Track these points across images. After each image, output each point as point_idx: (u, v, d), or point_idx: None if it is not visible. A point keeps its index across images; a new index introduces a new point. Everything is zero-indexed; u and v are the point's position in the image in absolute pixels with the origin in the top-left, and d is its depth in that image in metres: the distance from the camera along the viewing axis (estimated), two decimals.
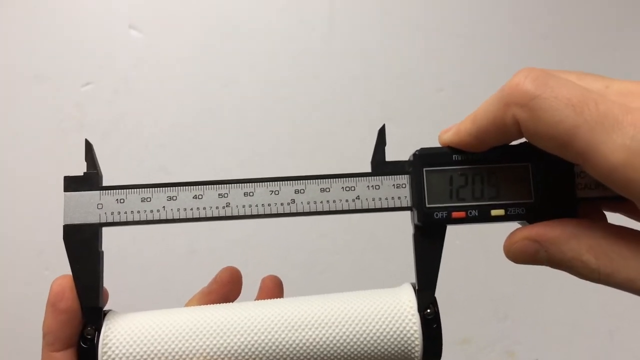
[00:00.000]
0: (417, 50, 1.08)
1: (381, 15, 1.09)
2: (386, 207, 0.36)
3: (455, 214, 0.35)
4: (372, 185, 0.36)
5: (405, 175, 0.36)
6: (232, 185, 0.36)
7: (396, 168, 0.37)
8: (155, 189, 0.37)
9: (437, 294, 0.37)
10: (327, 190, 0.36)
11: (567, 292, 1.00)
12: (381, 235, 0.99)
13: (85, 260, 0.36)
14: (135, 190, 0.37)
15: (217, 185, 0.36)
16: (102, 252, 0.37)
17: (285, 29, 1.07)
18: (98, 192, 0.37)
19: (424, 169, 0.36)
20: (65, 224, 0.36)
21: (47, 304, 0.36)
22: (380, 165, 0.37)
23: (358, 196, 0.36)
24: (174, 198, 0.37)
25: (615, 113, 0.26)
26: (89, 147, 0.38)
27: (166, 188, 0.37)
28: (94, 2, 1.06)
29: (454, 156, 0.35)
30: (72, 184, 0.37)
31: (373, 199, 0.36)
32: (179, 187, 0.37)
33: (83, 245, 0.36)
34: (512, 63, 1.08)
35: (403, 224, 0.39)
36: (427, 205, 0.35)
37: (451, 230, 0.36)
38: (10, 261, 0.98)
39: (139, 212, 0.36)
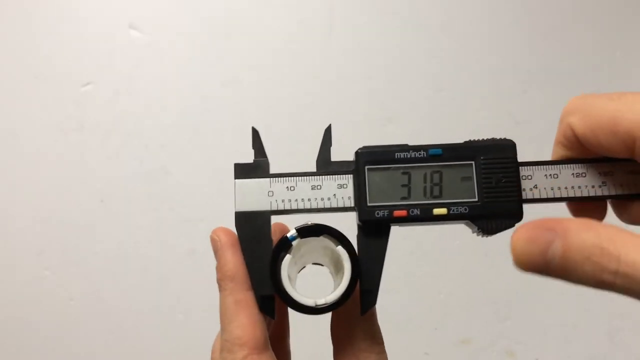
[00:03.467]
0: (417, 50, 1.08)
1: (381, 16, 1.09)
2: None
3: (397, 213, 0.34)
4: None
5: (349, 175, 0.36)
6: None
7: (341, 167, 0.36)
8: (326, 176, 0.36)
9: (436, 295, 0.37)
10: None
11: (567, 292, 1.00)
12: None
13: (258, 247, 0.35)
14: (305, 177, 0.36)
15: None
16: (273, 240, 0.36)
17: (285, 29, 1.07)
18: (268, 179, 0.36)
19: (366, 167, 0.35)
20: (237, 210, 0.36)
21: (222, 249, 0.36)
22: (325, 165, 0.36)
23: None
24: (345, 186, 0.36)
25: None
26: (256, 134, 0.38)
27: (336, 176, 0.36)
28: (94, 2, 1.06)
29: (396, 154, 0.35)
30: (242, 171, 0.37)
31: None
32: (349, 175, 0.36)
33: (255, 232, 0.36)
34: (513, 63, 1.08)
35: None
36: (368, 204, 0.35)
37: (451, 231, 0.36)
38: (10, 261, 0.98)
39: (309, 200, 0.36)
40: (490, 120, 1.01)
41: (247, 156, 0.39)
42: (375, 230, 0.35)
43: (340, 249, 0.35)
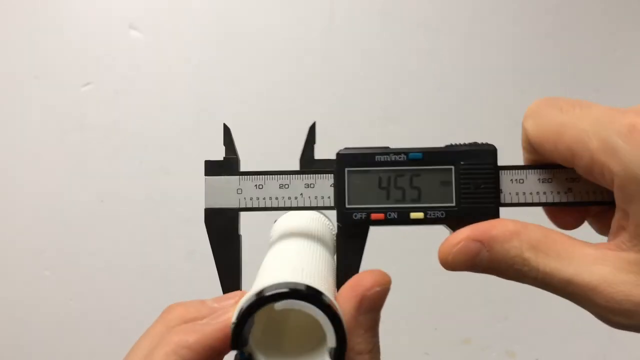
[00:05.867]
0: (417, 50, 1.08)
1: (381, 15, 1.09)
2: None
3: (374, 216, 0.35)
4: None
5: (316, 175, 0.36)
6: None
7: (325, 166, 0.36)
8: (294, 175, 0.36)
9: (437, 295, 0.37)
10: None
11: None
12: None
13: (226, 243, 0.37)
14: (273, 176, 0.37)
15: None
16: (241, 235, 0.37)
17: (285, 28, 1.07)
18: (237, 177, 0.37)
19: (346, 169, 0.35)
20: (206, 207, 0.38)
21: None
22: (309, 163, 0.37)
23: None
24: (312, 186, 0.36)
25: (600, 112, 0.29)
26: (227, 131, 0.38)
27: (304, 175, 0.36)
28: (94, 2, 1.06)
29: (377, 157, 0.35)
30: (212, 168, 0.38)
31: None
32: (317, 175, 0.36)
33: (223, 228, 0.37)
34: (513, 63, 1.08)
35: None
36: (347, 206, 0.35)
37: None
38: (10, 261, 0.98)
39: (277, 198, 0.36)
40: (490, 120, 1.01)
41: (246, 155, 0.39)
42: (353, 231, 0.35)
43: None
